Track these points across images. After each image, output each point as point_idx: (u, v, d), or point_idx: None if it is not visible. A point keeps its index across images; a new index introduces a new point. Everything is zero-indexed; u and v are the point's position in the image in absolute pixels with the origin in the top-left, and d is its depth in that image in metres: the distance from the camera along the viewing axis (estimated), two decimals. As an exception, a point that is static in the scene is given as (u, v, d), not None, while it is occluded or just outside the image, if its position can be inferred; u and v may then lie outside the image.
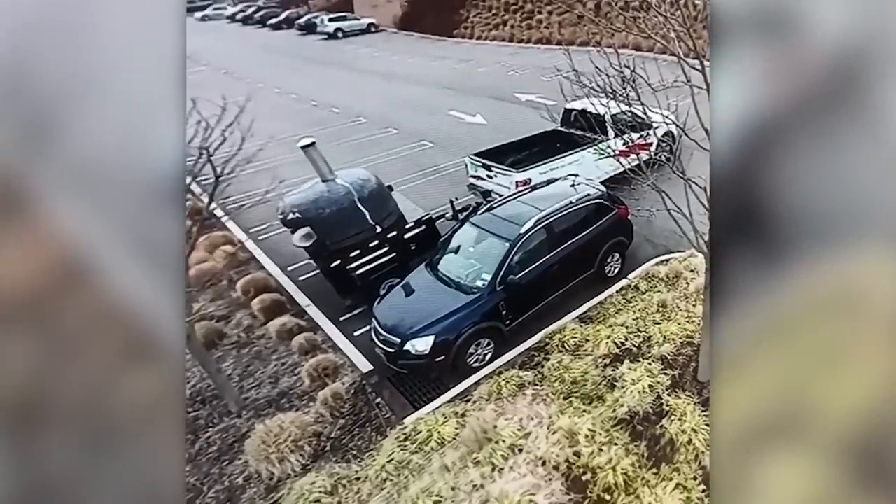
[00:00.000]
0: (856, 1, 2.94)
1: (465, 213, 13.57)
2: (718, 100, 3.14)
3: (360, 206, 12.31)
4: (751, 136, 3.10)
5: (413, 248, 12.91)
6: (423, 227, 13.10)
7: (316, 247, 12.12)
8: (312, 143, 12.41)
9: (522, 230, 11.11)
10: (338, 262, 11.89)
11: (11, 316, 2.64)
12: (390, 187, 13.95)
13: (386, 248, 12.39)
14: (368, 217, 12.34)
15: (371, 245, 12.15)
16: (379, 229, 12.38)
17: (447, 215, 14.58)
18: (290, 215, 12.01)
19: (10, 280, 2.63)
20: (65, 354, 2.73)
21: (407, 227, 12.87)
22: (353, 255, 11.90)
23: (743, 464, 3.23)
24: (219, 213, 16.93)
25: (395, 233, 12.59)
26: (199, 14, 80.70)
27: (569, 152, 15.99)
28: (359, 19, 58.53)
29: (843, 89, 2.98)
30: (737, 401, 3.23)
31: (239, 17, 73.92)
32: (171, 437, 3.00)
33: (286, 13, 67.58)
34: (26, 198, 2.66)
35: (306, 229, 11.95)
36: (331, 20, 57.44)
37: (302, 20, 62.05)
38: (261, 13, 71.38)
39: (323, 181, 12.67)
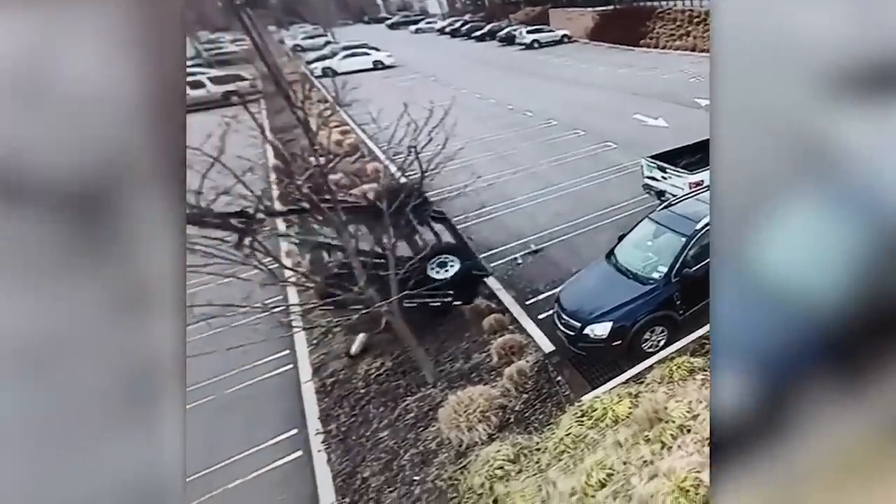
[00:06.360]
0: None
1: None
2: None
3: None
4: None
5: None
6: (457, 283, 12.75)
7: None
8: None
9: (699, 226, 10.78)
10: None
11: None
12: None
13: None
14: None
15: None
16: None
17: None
18: None
19: None
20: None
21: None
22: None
23: None
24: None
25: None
26: (413, 27, 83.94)
27: None
28: (553, 31, 58.12)
29: None
30: None
31: (448, 30, 75.76)
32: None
33: (489, 26, 68.35)
34: None
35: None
36: (528, 32, 57.50)
37: (503, 32, 62.47)
38: (467, 26, 72.70)
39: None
